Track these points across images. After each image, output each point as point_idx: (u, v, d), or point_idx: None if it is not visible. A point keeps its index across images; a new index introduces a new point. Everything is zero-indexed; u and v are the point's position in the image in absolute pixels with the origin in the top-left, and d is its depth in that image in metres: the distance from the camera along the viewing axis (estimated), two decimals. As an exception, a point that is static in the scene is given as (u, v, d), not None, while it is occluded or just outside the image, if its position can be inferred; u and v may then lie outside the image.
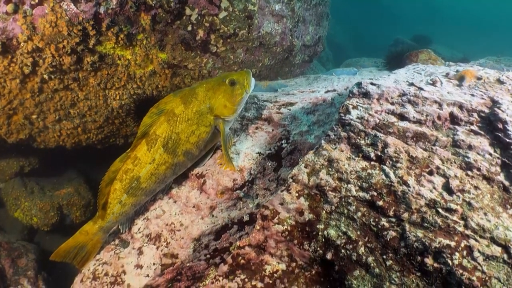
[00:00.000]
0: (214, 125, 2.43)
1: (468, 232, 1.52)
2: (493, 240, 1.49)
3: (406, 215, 1.61)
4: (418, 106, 1.96)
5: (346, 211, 1.71)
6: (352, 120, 1.98)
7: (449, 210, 1.58)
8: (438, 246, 1.50)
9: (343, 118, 2.01)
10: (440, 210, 1.58)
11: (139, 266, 2.38)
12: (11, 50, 2.83)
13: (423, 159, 1.75)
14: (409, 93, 2.04)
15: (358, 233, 1.66)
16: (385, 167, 1.76)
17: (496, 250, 1.47)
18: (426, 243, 1.52)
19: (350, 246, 1.64)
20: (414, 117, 1.91)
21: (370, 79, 2.23)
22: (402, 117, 1.94)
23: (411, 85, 2.15)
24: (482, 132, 1.80)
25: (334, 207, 1.74)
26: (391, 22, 23.55)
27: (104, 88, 3.33)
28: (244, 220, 2.22)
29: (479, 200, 1.60)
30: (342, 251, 1.65)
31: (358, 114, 2.00)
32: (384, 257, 1.59)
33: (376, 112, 1.99)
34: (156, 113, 2.36)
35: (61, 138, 3.61)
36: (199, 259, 2.19)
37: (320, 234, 1.72)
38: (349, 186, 1.76)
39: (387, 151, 1.79)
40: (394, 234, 1.60)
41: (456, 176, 1.67)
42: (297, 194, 1.83)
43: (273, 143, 2.56)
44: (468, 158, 1.71)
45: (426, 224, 1.57)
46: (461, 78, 2.21)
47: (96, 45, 2.97)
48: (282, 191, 1.86)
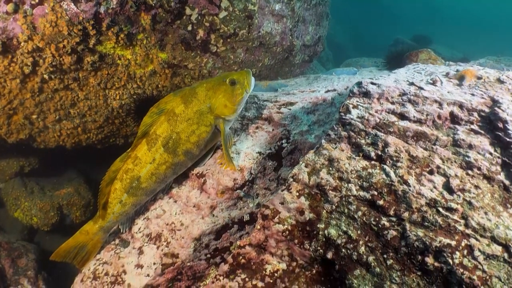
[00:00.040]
0: (215, 124, 2.43)
1: (468, 231, 1.52)
2: (493, 239, 1.49)
3: (406, 215, 1.61)
4: (419, 106, 1.96)
5: (346, 211, 1.71)
6: (352, 119, 1.98)
7: (449, 209, 1.58)
8: (438, 245, 1.50)
9: (344, 117, 2.01)
10: (440, 209, 1.59)
11: (140, 266, 2.38)
12: (12, 50, 2.83)
13: (424, 159, 1.75)
14: (409, 92, 2.04)
15: (359, 232, 1.66)
16: (385, 167, 1.76)
17: (496, 249, 1.47)
18: (427, 242, 1.52)
19: (351, 246, 1.64)
20: (414, 116, 1.91)
21: (370, 79, 2.24)
22: (402, 116, 1.94)
23: (412, 84, 2.15)
24: (483, 131, 1.80)
25: (334, 207, 1.74)
26: (391, 22, 23.56)
27: (104, 88, 3.33)
28: (244, 219, 2.22)
29: (480, 199, 1.60)
30: (343, 251, 1.65)
31: (358, 114, 2.00)
32: (384, 256, 1.59)
33: (376, 111, 1.99)
34: (156, 112, 2.36)
35: (61, 138, 3.61)
36: (200, 259, 2.19)
37: (320, 233, 1.72)
38: (349, 185, 1.76)
39: (388, 151, 1.79)
40: (394, 233, 1.60)
41: (456, 175, 1.67)
42: (297, 194, 1.83)
43: (273, 143, 2.56)
44: (468, 157, 1.71)
45: (427, 223, 1.57)
46: (461, 78, 2.21)
47: (96, 44, 2.97)
48: (282, 191, 1.86)
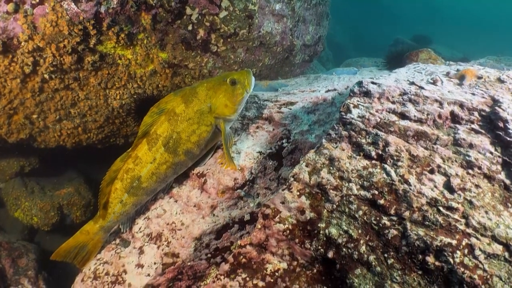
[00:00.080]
0: (215, 124, 2.43)
1: (469, 230, 1.52)
2: (494, 238, 1.49)
3: (407, 214, 1.61)
4: (419, 105, 1.96)
5: (347, 210, 1.71)
6: (353, 119, 1.98)
7: (450, 208, 1.58)
8: (439, 244, 1.50)
9: (344, 117, 2.01)
10: (441, 208, 1.59)
11: (140, 266, 2.38)
12: (12, 50, 2.83)
13: (424, 158, 1.75)
14: (410, 92, 2.04)
15: (360, 231, 1.66)
16: (386, 166, 1.76)
17: (497, 248, 1.47)
18: (428, 242, 1.52)
19: (352, 245, 1.64)
20: (415, 116, 1.91)
21: (371, 78, 2.24)
22: (403, 116, 1.94)
23: (412, 84, 2.15)
24: (483, 130, 1.80)
25: (335, 206, 1.74)
26: (391, 22, 23.56)
27: (104, 87, 3.33)
28: (245, 219, 2.22)
29: (480, 198, 1.60)
30: (344, 250, 1.65)
31: (359, 113, 2.00)
32: (385, 255, 1.59)
33: (377, 111, 1.99)
34: (156, 112, 2.36)
35: (61, 138, 3.61)
36: (200, 258, 2.19)
37: (321, 232, 1.72)
38: (350, 184, 1.76)
39: (388, 150, 1.80)
40: (395, 232, 1.60)
41: (457, 174, 1.67)
42: (298, 193, 1.83)
43: (274, 142, 2.56)
44: (469, 156, 1.71)
45: (428, 222, 1.57)
46: (461, 77, 2.21)
47: (96, 44, 2.97)
48: (283, 190, 1.86)
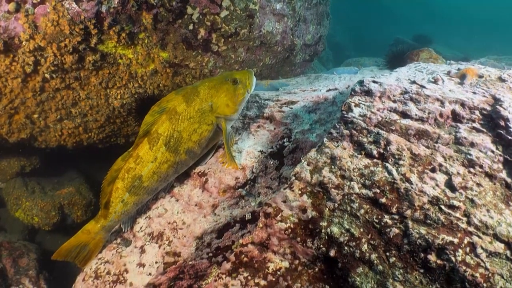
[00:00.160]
0: (216, 123, 2.43)
1: (471, 229, 1.53)
2: (496, 236, 1.50)
3: (409, 212, 1.61)
4: (420, 104, 1.96)
5: (349, 209, 1.71)
6: (354, 118, 1.98)
7: (452, 207, 1.58)
8: (441, 242, 1.51)
9: (345, 116, 2.01)
10: (443, 207, 1.59)
11: (142, 265, 2.38)
12: (13, 49, 2.83)
13: (426, 157, 1.76)
14: (411, 91, 2.04)
15: (361, 230, 1.66)
16: (387, 165, 1.76)
17: (499, 246, 1.47)
18: (429, 240, 1.52)
19: (353, 243, 1.64)
20: (416, 114, 1.92)
21: (372, 77, 2.24)
22: (404, 114, 1.94)
23: (413, 83, 2.15)
24: (484, 129, 1.80)
25: (337, 205, 1.74)
26: (391, 22, 23.55)
27: (105, 87, 3.33)
28: (246, 218, 2.22)
29: (482, 197, 1.60)
30: (345, 248, 1.65)
31: (360, 112, 2.00)
32: (387, 254, 1.59)
33: (378, 110, 1.99)
34: (158, 111, 2.36)
35: (62, 137, 3.61)
36: (202, 258, 2.19)
37: (323, 231, 1.72)
38: (352, 183, 1.76)
39: (390, 149, 1.80)
40: (397, 231, 1.60)
41: (458, 173, 1.68)
42: (300, 192, 1.83)
43: (275, 142, 2.56)
44: (470, 155, 1.71)
45: (429, 221, 1.57)
46: (462, 76, 2.22)
47: (97, 44, 2.97)
48: (285, 189, 1.86)
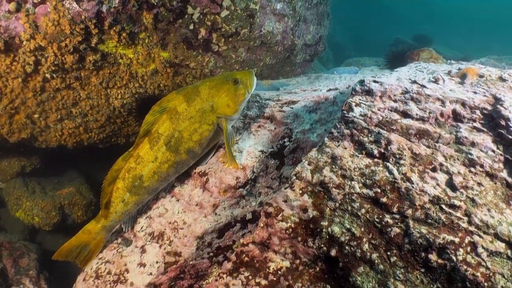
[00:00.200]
0: (217, 123, 2.43)
1: (472, 228, 1.53)
2: (496, 236, 1.50)
3: (410, 212, 1.61)
4: (421, 104, 1.96)
5: (350, 208, 1.71)
6: (355, 117, 1.98)
7: (452, 206, 1.58)
8: (442, 242, 1.51)
9: (346, 115, 2.01)
10: (443, 206, 1.59)
11: (142, 265, 2.38)
12: (14, 49, 2.83)
13: (426, 156, 1.76)
14: (411, 90, 2.04)
15: (362, 229, 1.66)
16: (388, 164, 1.76)
17: (500, 246, 1.48)
18: (430, 239, 1.52)
19: (354, 243, 1.64)
20: (417, 114, 1.92)
21: (372, 77, 2.24)
22: (405, 114, 1.94)
23: (414, 82, 2.15)
24: (485, 129, 1.80)
25: (338, 204, 1.74)
26: (391, 22, 23.57)
27: (106, 87, 3.33)
28: (247, 218, 2.22)
29: (483, 196, 1.60)
30: (346, 248, 1.65)
31: (361, 112, 2.00)
32: (388, 253, 1.59)
33: (379, 109, 1.99)
34: (158, 111, 2.35)
35: (62, 137, 3.61)
36: (202, 257, 2.19)
37: (324, 231, 1.72)
38: (352, 183, 1.76)
39: (391, 148, 1.80)
40: (398, 230, 1.60)
41: (459, 172, 1.68)
42: (300, 191, 1.83)
43: (275, 141, 2.57)
44: (471, 155, 1.71)
45: (430, 220, 1.57)
46: (463, 76, 2.22)
47: (98, 43, 2.97)
48: (285, 188, 1.86)
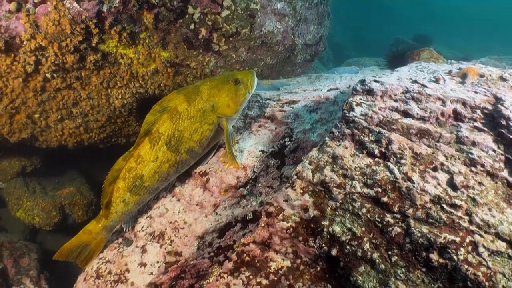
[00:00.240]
0: (217, 123, 2.43)
1: (473, 227, 1.53)
2: (497, 235, 1.50)
3: (411, 211, 1.61)
4: (422, 103, 1.96)
5: (351, 208, 1.71)
6: (356, 117, 1.98)
7: (453, 206, 1.58)
8: (443, 241, 1.51)
9: (347, 115, 2.01)
10: (444, 206, 1.59)
11: (143, 264, 2.38)
12: (14, 49, 2.83)
13: (427, 156, 1.76)
14: (412, 90, 2.04)
15: (363, 229, 1.66)
16: (389, 164, 1.76)
17: (501, 245, 1.47)
18: (431, 239, 1.52)
19: (355, 243, 1.64)
20: (417, 114, 1.92)
21: (373, 77, 2.24)
22: (405, 114, 1.94)
23: (414, 82, 2.15)
24: (486, 128, 1.80)
25: (339, 204, 1.74)
26: (391, 22, 23.57)
27: (106, 87, 3.33)
28: (247, 218, 2.22)
29: (483, 196, 1.60)
30: (347, 248, 1.65)
31: (361, 111, 2.00)
32: (389, 253, 1.59)
33: (379, 109, 1.99)
34: (159, 110, 2.35)
35: (63, 137, 3.61)
36: (203, 257, 2.19)
37: (325, 230, 1.72)
38: (353, 182, 1.76)
39: (391, 148, 1.80)
40: (399, 230, 1.60)
41: (460, 172, 1.68)
42: (301, 191, 1.83)
43: (276, 141, 2.57)
44: (472, 154, 1.71)
45: (431, 220, 1.57)
46: (463, 76, 2.22)
47: (99, 43, 2.97)
48: (286, 188, 1.86)
